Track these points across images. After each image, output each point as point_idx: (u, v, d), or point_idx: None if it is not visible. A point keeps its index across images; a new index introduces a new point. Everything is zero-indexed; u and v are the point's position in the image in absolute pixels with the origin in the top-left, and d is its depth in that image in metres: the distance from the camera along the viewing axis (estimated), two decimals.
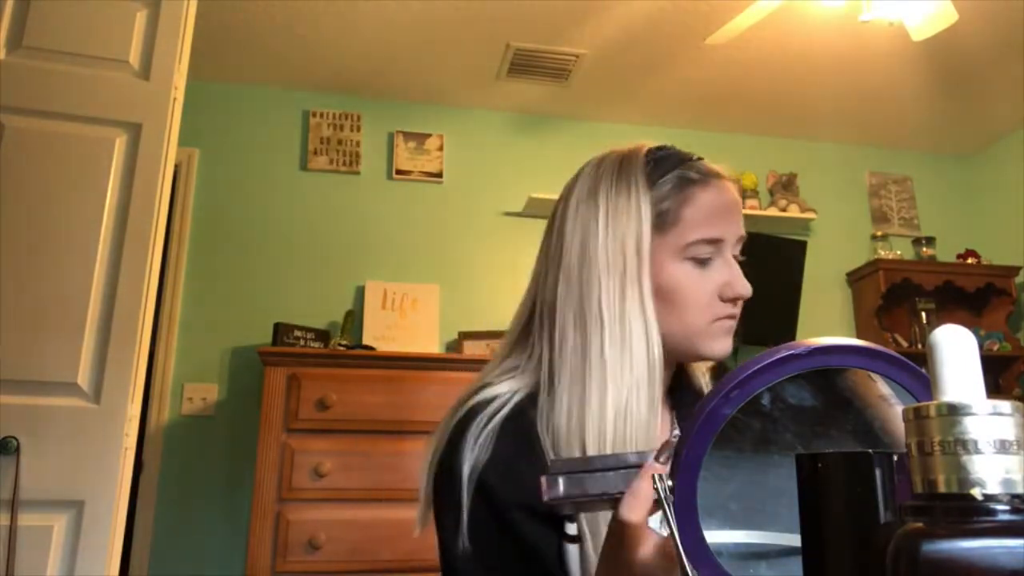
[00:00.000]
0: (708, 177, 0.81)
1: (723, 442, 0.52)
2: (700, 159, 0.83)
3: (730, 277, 0.79)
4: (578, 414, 0.73)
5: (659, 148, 0.83)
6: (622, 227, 0.78)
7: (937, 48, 2.86)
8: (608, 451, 0.70)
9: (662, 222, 0.79)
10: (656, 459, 0.55)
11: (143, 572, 2.75)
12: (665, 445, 0.55)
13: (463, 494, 0.72)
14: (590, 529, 0.71)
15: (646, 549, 0.55)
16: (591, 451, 0.71)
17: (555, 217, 0.85)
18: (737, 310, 0.80)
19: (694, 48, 2.98)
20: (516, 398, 0.77)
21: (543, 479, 0.55)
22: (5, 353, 1.68)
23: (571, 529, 0.73)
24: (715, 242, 0.79)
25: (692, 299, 0.78)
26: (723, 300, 0.79)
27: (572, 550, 0.72)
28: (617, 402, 0.73)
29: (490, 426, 0.74)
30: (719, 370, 0.94)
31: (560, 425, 0.74)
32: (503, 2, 2.74)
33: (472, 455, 0.73)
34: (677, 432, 0.82)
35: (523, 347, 0.82)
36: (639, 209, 0.78)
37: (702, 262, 0.79)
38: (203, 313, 3.04)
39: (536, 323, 0.81)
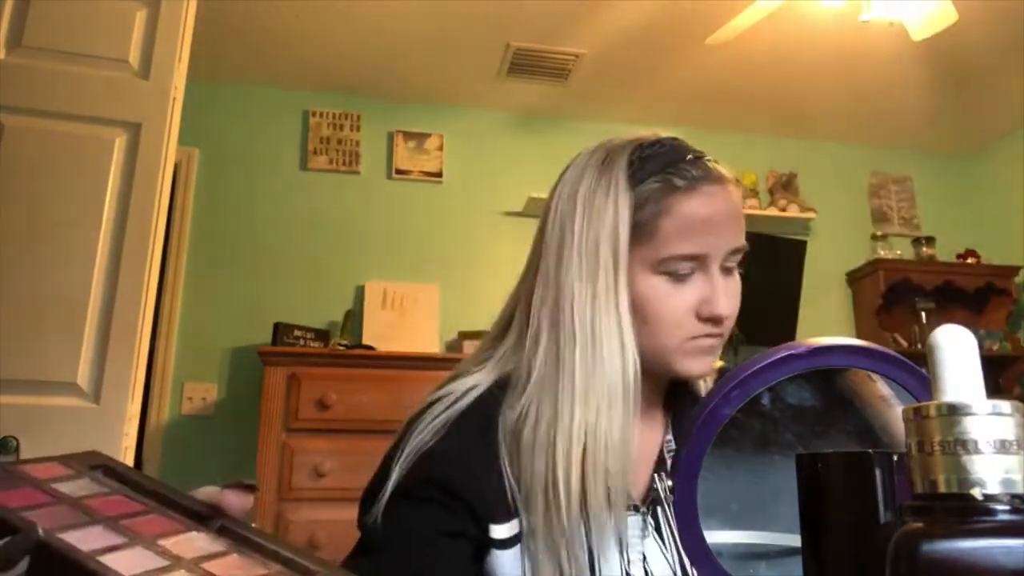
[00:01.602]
0: (696, 183, 0.72)
1: (723, 442, 0.52)
2: (698, 158, 0.75)
3: (709, 294, 0.72)
4: (547, 428, 0.69)
5: (653, 143, 0.77)
6: (596, 232, 0.72)
7: (937, 48, 2.86)
8: (575, 470, 0.67)
9: (639, 232, 0.72)
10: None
11: None
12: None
13: (394, 469, 0.72)
14: (530, 525, 0.68)
15: None
16: (560, 467, 0.67)
17: (544, 211, 0.80)
18: (720, 329, 0.73)
19: (694, 48, 2.97)
20: (477, 392, 0.75)
21: None
22: (5, 353, 1.67)
23: (499, 532, 0.69)
24: (695, 258, 0.72)
25: (663, 317, 0.72)
26: (700, 319, 0.72)
27: (503, 556, 0.69)
28: (588, 421, 0.68)
29: (441, 418, 0.72)
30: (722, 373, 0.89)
31: (525, 433, 0.70)
32: (503, 2, 2.74)
33: (416, 439, 0.72)
34: (670, 437, 0.80)
35: (500, 342, 0.79)
36: (616, 214, 0.72)
37: (679, 277, 0.72)
38: (203, 313, 3.04)
39: (516, 320, 0.78)
